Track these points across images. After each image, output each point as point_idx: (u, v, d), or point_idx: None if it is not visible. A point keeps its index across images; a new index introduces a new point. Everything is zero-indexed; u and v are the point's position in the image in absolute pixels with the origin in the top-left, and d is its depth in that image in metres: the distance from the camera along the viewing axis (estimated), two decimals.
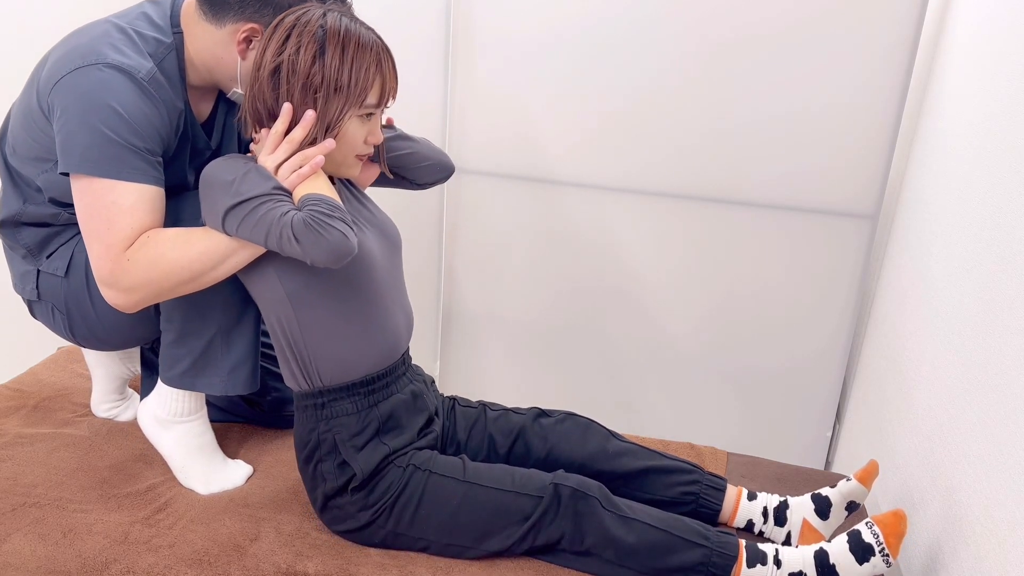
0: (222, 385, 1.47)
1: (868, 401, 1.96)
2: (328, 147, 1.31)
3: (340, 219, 1.23)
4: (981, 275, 1.37)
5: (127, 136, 1.29)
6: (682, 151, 2.08)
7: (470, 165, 2.22)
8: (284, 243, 1.23)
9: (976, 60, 1.58)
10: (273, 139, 1.31)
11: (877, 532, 1.31)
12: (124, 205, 1.29)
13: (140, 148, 1.31)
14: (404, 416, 1.43)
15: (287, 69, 1.29)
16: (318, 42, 1.28)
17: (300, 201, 1.26)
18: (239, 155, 1.38)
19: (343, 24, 1.31)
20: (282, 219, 1.23)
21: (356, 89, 1.31)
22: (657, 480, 1.48)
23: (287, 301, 1.35)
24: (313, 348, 1.37)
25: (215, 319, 1.44)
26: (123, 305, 1.33)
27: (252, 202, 1.25)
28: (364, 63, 1.31)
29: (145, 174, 1.31)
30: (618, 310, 2.26)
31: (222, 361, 1.46)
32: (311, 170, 1.29)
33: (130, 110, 1.29)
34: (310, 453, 1.39)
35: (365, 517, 1.37)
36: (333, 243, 1.21)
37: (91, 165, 1.28)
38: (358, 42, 1.30)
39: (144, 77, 1.32)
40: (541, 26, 2.06)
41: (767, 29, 1.94)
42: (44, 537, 1.36)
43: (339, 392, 1.38)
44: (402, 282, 1.50)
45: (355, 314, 1.37)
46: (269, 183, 1.28)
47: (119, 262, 1.29)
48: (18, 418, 1.69)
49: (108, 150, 1.28)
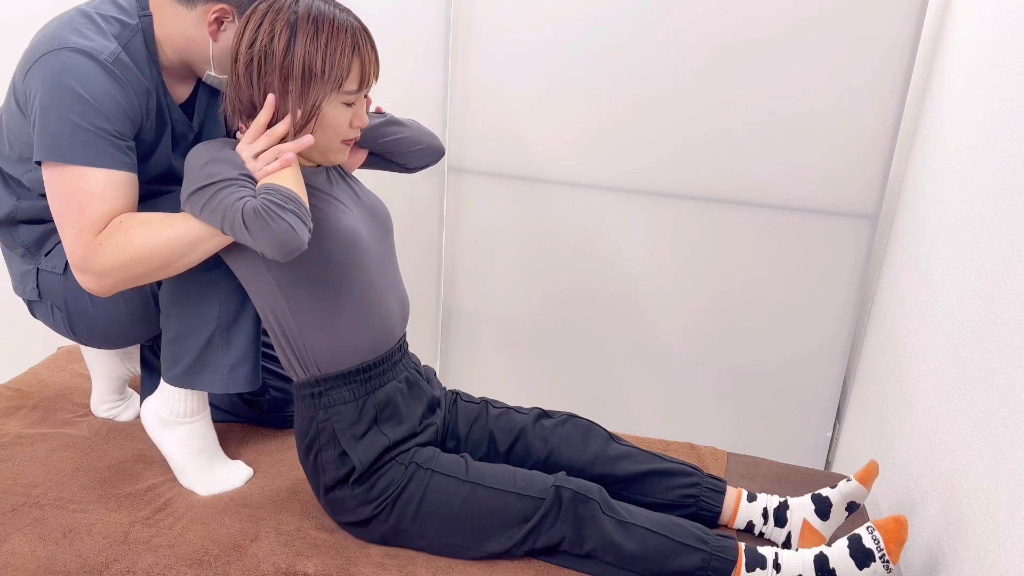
0: (223, 383, 1.46)
1: (868, 401, 1.96)
2: (305, 143, 1.29)
3: (292, 212, 1.21)
4: (981, 275, 1.37)
5: (94, 120, 1.29)
6: (682, 151, 2.08)
7: (470, 165, 2.22)
8: (236, 230, 1.22)
9: (976, 60, 1.58)
10: (255, 129, 1.30)
11: (878, 537, 1.30)
12: (94, 191, 1.29)
13: (108, 132, 1.30)
14: (402, 404, 1.43)
15: (260, 58, 1.28)
16: (290, 28, 1.27)
17: (258, 189, 1.25)
18: (222, 139, 1.37)
19: (315, 7, 1.29)
20: (235, 204, 1.22)
21: (333, 74, 1.29)
22: (657, 483, 1.48)
23: (276, 289, 1.35)
24: (307, 335, 1.37)
25: (213, 317, 1.44)
26: (97, 289, 1.32)
27: (215, 186, 1.25)
28: (339, 46, 1.28)
29: (114, 159, 1.31)
30: (618, 309, 2.26)
31: (222, 359, 1.46)
32: (280, 165, 1.28)
33: (95, 93, 1.29)
34: (310, 443, 1.39)
35: (366, 512, 1.37)
36: (279, 233, 1.19)
37: (59, 152, 1.28)
38: (332, 25, 1.28)
39: (107, 59, 1.31)
40: (540, 26, 2.06)
41: (767, 29, 1.94)
42: (44, 537, 1.36)
43: (335, 380, 1.38)
44: (395, 266, 1.48)
45: (346, 298, 1.36)
46: (237, 170, 1.27)
47: (91, 246, 1.29)
48: (18, 418, 1.69)
49: (76, 136, 1.28)
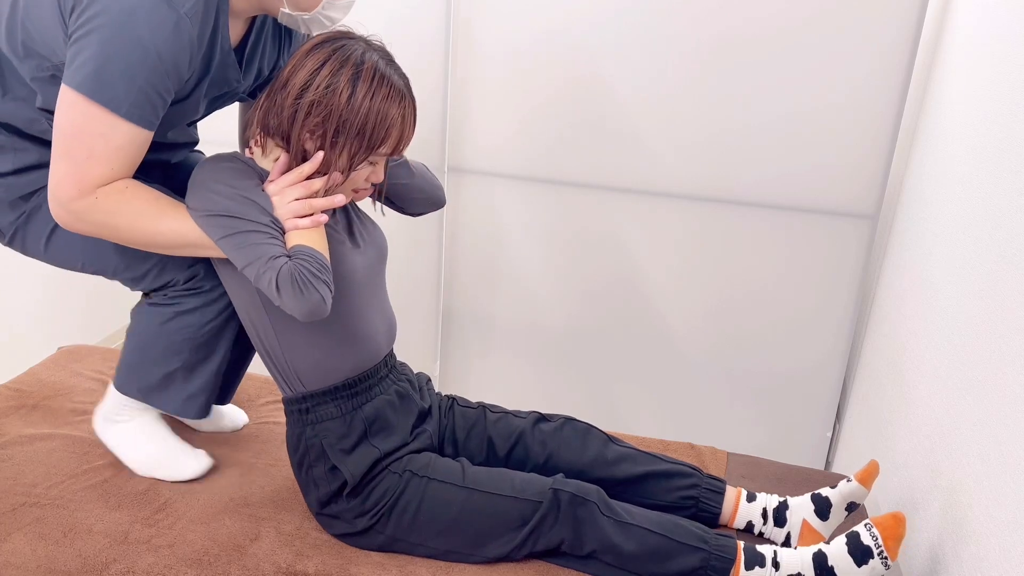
0: (175, 408, 1.50)
1: (868, 401, 1.96)
2: (338, 203, 1.32)
3: (324, 282, 1.24)
4: (981, 275, 1.37)
5: (146, 75, 1.21)
6: (681, 151, 2.08)
7: (470, 165, 2.22)
8: (263, 283, 1.24)
9: (976, 60, 1.58)
10: (295, 176, 1.31)
11: (876, 534, 1.31)
12: (113, 141, 1.23)
13: (156, 89, 1.23)
14: (392, 416, 1.43)
15: (314, 97, 1.27)
16: (351, 79, 1.27)
17: (293, 249, 1.27)
18: (242, 162, 1.36)
19: (379, 66, 1.30)
20: (271, 262, 1.23)
21: (377, 135, 1.30)
22: (656, 485, 1.48)
23: (263, 311, 1.37)
24: (289, 354, 1.38)
25: (182, 356, 1.47)
26: (64, 223, 1.28)
27: (244, 224, 1.27)
28: (390, 111, 1.30)
29: (144, 117, 1.24)
30: (617, 309, 2.26)
31: (180, 390, 1.49)
32: (312, 224, 1.30)
33: (160, 46, 1.20)
34: (301, 458, 1.40)
35: (362, 523, 1.37)
36: (311, 304, 1.22)
37: (98, 90, 1.19)
38: (390, 89, 1.30)
39: (188, 12, 1.22)
40: (541, 27, 2.06)
41: (767, 29, 1.94)
42: (44, 537, 1.36)
43: (321, 396, 1.38)
44: (383, 290, 1.50)
45: (332, 324, 1.37)
46: (267, 216, 1.29)
47: (85, 193, 1.25)
48: (18, 418, 1.69)
49: (122, 84, 1.20)
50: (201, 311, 1.45)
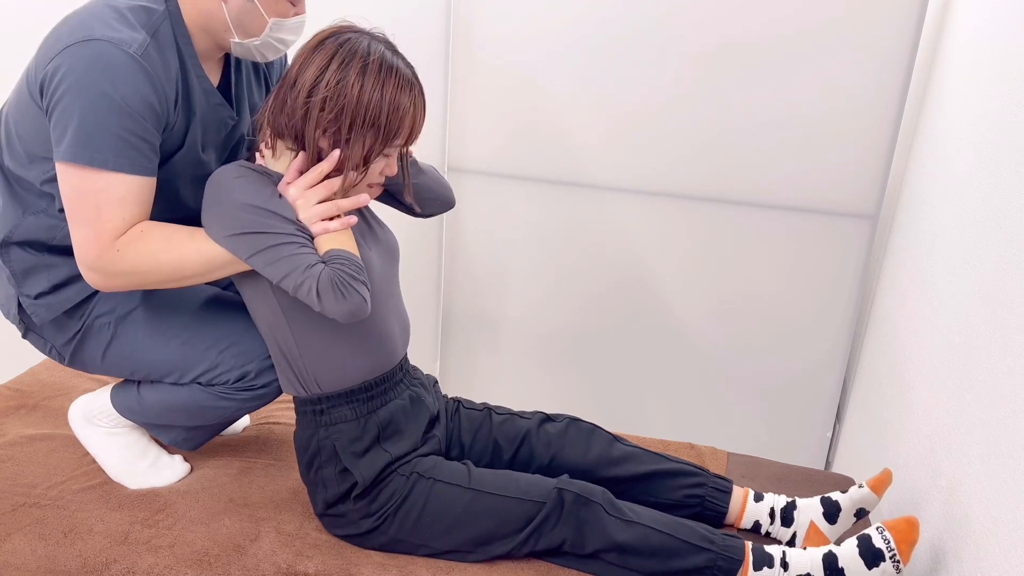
0: (172, 442, 1.52)
1: (868, 401, 1.96)
2: (363, 202, 1.32)
3: (363, 282, 1.25)
4: (981, 275, 1.37)
5: (121, 122, 1.23)
6: (682, 151, 2.08)
7: (470, 165, 2.22)
8: (302, 292, 1.24)
9: (976, 60, 1.58)
10: (313, 176, 1.30)
11: (888, 538, 1.30)
12: (115, 195, 1.26)
13: (136, 135, 1.25)
14: (404, 421, 1.42)
15: (326, 93, 1.26)
16: (360, 72, 1.27)
17: (327, 255, 1.27)
18: (255, 171, 1.34)
19: (386, 57, 1.29)
20: (308, 271, 1.23)
21: (391, 126, 1.30)
22: (662, 484, 1.47)
23: (281, 314, 1.36)
24: (308, 358, 1.37)
25: (206, 426, 1.50)
26: (103, 287, 1.32)
27: (273, 238, 1.26)
28: (402, 100, 1.29)
29: (135, 164, 1.26)
30: (616, 309, 2.26)
31: (183, 430, 1.51)
32: (340, 226, 1.30)
33: (124, 93, 1.23)
34: (310, 459, 1.40)
35: (367, 524, 1.37)
36: (354, 306, 1.23)
37: (83, 153, 1.23)
38: (399, 78, 1.29)
39: (136, 51, 1.24)
40: (541, 27, 2.06)
41: (768, 31, 1.94)
42: (44, 537, 1.36)
43: (337, 399, 1.38)
44: (398, 291, 1.49)
45: (351, 326, 1.37)
46: (291, 224, 1.28)
47: (107, 250, 1.27)
48: (18, 418, 1.69)
49: (101, 139, 1.23)
50: (242, 403, 1.46)
